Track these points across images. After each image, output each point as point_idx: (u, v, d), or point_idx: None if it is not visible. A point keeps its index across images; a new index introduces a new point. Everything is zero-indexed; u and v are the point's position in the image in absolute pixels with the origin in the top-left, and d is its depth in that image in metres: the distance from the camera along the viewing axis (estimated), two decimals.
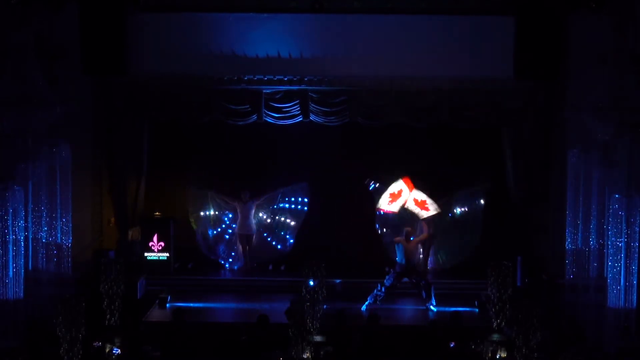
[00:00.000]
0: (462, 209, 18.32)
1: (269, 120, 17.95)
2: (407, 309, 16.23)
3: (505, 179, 18.22)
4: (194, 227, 18.46)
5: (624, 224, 13.28)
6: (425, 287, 16.02)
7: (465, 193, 18.28)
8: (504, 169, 18.23)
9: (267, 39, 17.14)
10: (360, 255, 18.04)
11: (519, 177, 17.99)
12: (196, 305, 16.30)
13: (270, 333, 12.15)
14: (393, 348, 11.98)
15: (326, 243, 18.02)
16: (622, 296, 13.28)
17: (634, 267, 13.27)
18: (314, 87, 17.68)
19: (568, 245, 15.18)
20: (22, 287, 13.77)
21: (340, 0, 16.85)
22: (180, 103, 17.80)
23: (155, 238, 17.74)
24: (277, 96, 17.79)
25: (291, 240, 18.46)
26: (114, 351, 11.65)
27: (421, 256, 18.31)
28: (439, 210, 16.54)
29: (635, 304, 13.31)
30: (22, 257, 13.85)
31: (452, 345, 11.93)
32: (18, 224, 13.72)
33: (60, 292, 14.18)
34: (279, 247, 18.49)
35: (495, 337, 11.85)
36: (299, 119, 17.95)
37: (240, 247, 18.45)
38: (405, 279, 16.14)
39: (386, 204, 16.41)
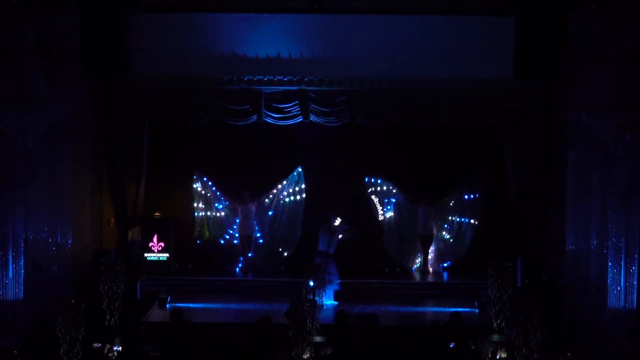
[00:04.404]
0: (461, 207, 18.37)
1: (269, 120, 17.96)
2: (407, 309, 16.22)
3: (505, 179, 18.22)
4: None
5: (624, 224, 13.27)
6: None
7: (460, 190, 18.30)
8: (504, 169, 18.23)
9: (267, 39, 17.13)
10: (361, 255, 18.03)
11: (518, 177, 17.99)
12: (196, 305, 16.31)
13: (270, 334, 12.14)
14: (393, 348, 11.96)
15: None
16: (622, 297, 13.27)
17: (634, 268, 13.25)
18: (313, 88, 17.69)
19: (568, 245, 15.16)
20: (22, 287, 13.76)
21: (340, 0, 16.83)
22: (180, 103, 17.82)
23: (155, 238, 17.73)
24: (277, 96, 17.82)
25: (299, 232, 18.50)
26: (114, 351, 11.64)
27: (420, 254, 18.39)
28: None
29: (635, 305, 13.30)
30: (22, 258, 13.84)
31: (452, 345, 11.92)
32: (18, 224, 13.71)
33: (60, 292, 14.15)
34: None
35: (495, 337, 11.83)
36: (299, 119, 17.96)
37: (241, 248, 18.46)
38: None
39: None
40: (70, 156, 15.50)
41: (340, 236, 16.77)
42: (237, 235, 18.54)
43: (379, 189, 18.45)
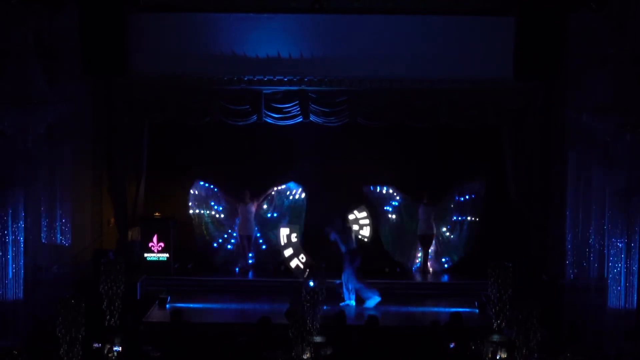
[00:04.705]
0: (460, 206, 18.35)
1: (269, 120, 17.96)
2: (407, 309, 16.22)
3: (505, 179, 18.22)
4: (196, 222, 18.41)
5: (624, 224, 13.26)
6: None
7: (459, 190, 18.28)
8: (504, 169, 18.22)
9: (267, 39, 17.14)
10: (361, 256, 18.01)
11: (518, 177, 17.99)
12: (196, 305, 16.30)
13: (270, 334, 12.15)
14: (393, 348, 11.96)
15: (327, 244, 17.97)
16: (623, 297, 13.27)
17: (634, 268, 13.25)
18: (313, 88, 17.69)
19: (568, 245, 15.17)
20: (22, 287, 13.76)
21: (340, 0, 16.84)
22: (180, 103, 17.82)
23: (155, 239, 17.72)
24: (277, 96, 17.82)
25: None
26: (114, 351, 11.65)
27: (420, 255, 18.38)
28: None
29: (635, 305, 13.29)
30: (22, 258, 13.83)
31: (452, 345, 11.92)
32: (18, 224, 13.71)
33: (60, 292, 14.16)
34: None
35: (495, 337, 11.83)
36: (299, 119, 17.96)
37: (241, 248, 18.45)
38: None
39: None
40: (70, 156, 15.50)
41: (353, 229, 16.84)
42: (234, 235, 18.49)
43: (376, 195, 18.40)
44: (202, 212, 18.45)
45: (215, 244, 18.50)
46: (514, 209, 18.04)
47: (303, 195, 18.37)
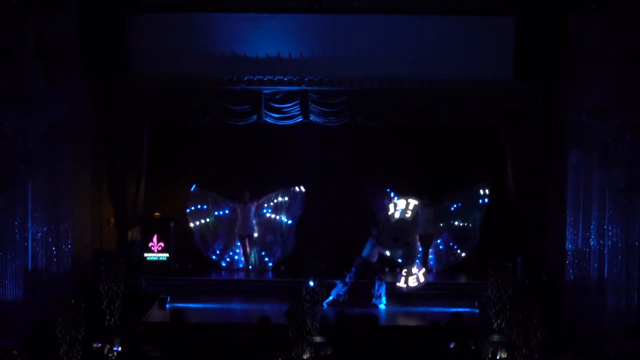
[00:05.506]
0: (461, 210, 18.31)
1: (269, 120, 17.96)
2: (407, 309, 16.22)
3: (505, 179, 18.22)
4: (192, 225, 18.38)
5: (624, 224, 13.26)
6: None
7: (464, 194, 18.23)
8: (504, 169, 18.22)
9: (267, 39, 17.14)
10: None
11: (519, 177, 17.99)
12: (196, 305, 16.30)
13: (270, 334, 12.16)
14: (393, 348, 11.97)
15: (326, 244, 18.00)
16: (623, 297, 13.26)
17: (634, 268, 13.24)
18: (313, 88, 17.69)
19: (568, 245, 15.17)
20: (22, 287, 13.75)
21: (340, 0, 16.84)
22: (180, 103, 17.82)
23: (154, 238, 17.72)
24: (277, 96, 17.82)
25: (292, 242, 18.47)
26: (114, 351, 11.65)
27: (420, 255, 18.36)
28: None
29: (635, 305, 13.29)
30: (22, 258, 13.83)
31: (452, 345, 11.92)
32: (17, 224, 13.70)
33: (60, 292, 14.15)
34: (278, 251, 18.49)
35: (495, 337, 11.84)
36: (299, 119, 17.96)
37: (240, 248, 18.44)
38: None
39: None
40: (70, 156, 15.49)
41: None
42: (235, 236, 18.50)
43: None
44: (203, 221, 18.39)
45: (217, 249, 18.44)
46: (514, 209, 18.04)
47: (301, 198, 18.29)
